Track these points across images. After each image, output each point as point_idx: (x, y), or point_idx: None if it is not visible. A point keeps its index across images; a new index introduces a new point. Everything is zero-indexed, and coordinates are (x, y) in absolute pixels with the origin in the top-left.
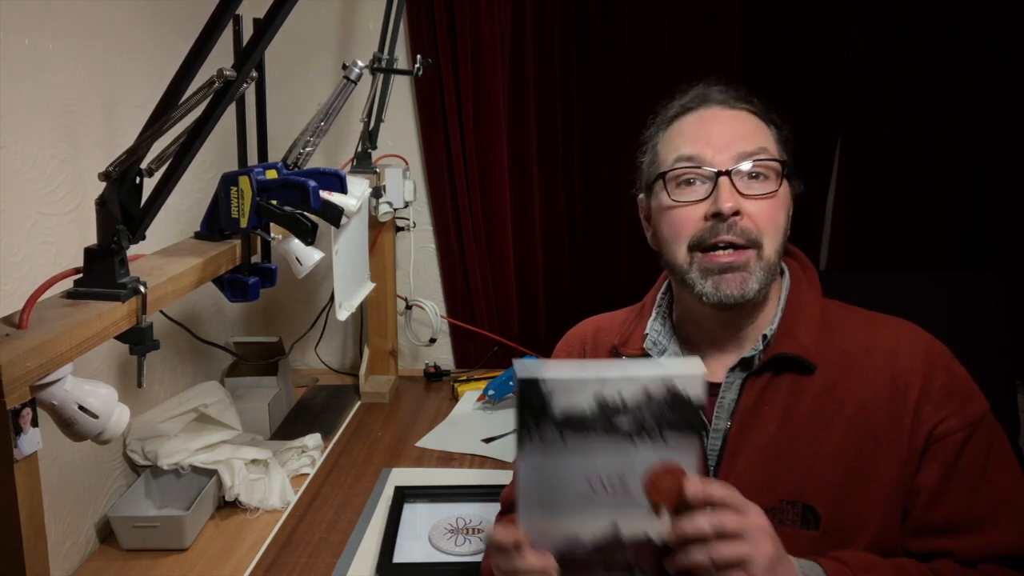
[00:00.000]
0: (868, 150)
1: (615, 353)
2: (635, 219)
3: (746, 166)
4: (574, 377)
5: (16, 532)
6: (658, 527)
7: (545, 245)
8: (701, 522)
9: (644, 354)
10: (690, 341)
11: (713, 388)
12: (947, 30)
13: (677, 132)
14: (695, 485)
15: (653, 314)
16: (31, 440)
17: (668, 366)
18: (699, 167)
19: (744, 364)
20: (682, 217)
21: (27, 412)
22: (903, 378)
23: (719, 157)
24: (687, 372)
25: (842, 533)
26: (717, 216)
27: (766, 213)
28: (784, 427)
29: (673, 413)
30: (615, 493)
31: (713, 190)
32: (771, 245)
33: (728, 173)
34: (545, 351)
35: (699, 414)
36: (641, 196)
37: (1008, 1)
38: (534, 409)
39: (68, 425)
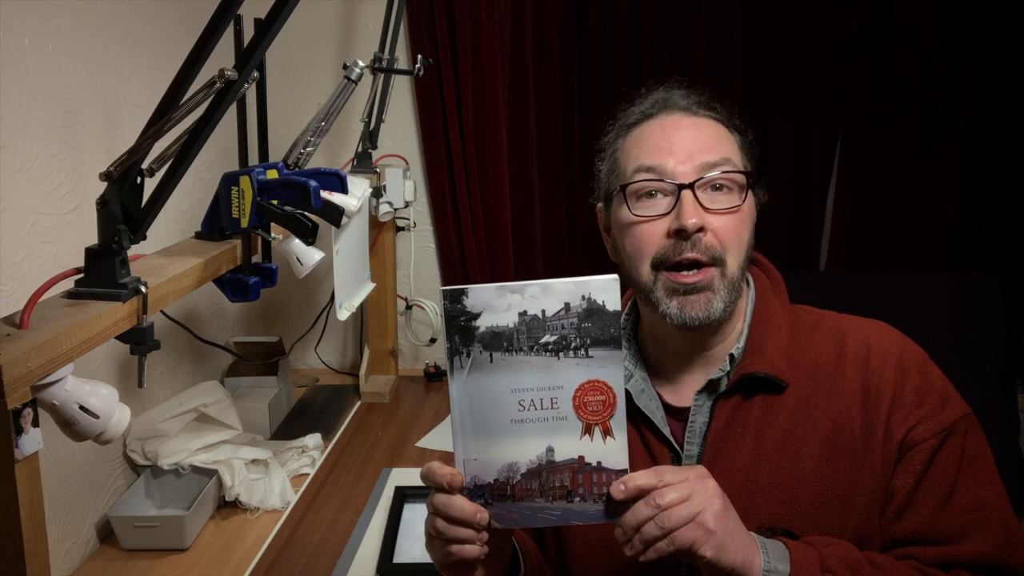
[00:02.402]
0: (868, 150)
1: None
2: None
3: (710, 176)
4: (495, 287)
5: (16, 532)
6: (592, 448)
7: (545, 245)
8: (642, 511)
9: None
10: (656, 363)
11: (682, 412)
12: (947, 30)
13: (636, 141)
14: (618, 488)
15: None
16: (32, 440)
17: (584, 278)
18: (660, 179)
19: (712, 386)
20: (644, 234)
21: (28, 412)
22: (875, 386)
23: (681, 168)
24: (602, 280)
25: None
26: (680, 233)
27: (730, 228)
28: (758, 450)
29: (593, 325)
30: (547, 414)
31: (676, 204)
32: (735, 262)
33: (691, 186)
34: None
35: (618, 324)
36: (600, 205)
37: (1008, 2)
38: (460, 327)
39: (69, 425)
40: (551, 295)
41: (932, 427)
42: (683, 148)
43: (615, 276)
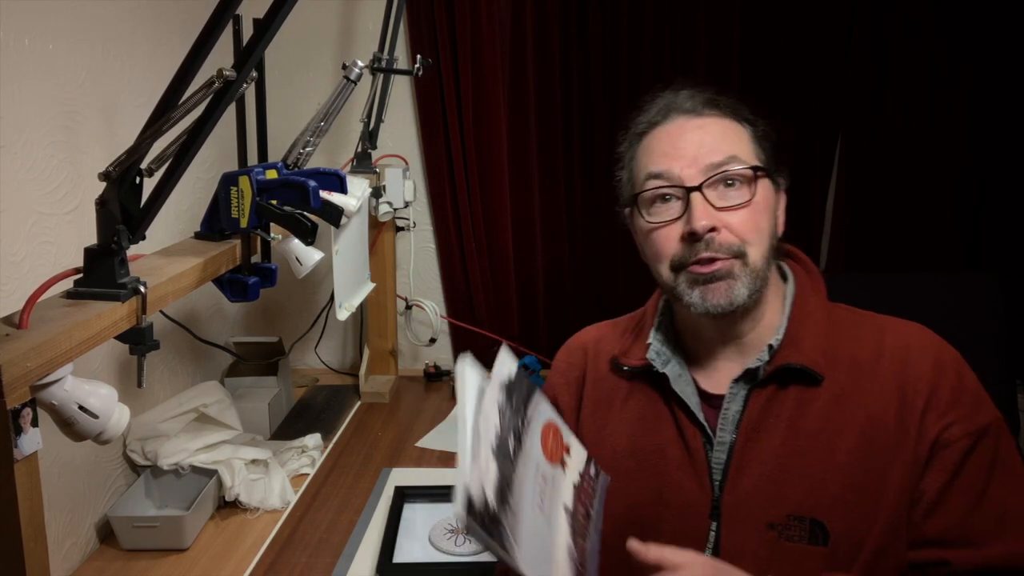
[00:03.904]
0: (868, 150)
1: (615, 364)
2: None
3: (716, 177)
4: (467, 472)
5: (16, 532)
6: (571, 472)
7: (545, 245)
8: None
9: (647, 365)
10: (693, 352)
11: (716, 399)
12: (947, 30)
13: (646, 149)
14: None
15: (655, 324)
16: (31, 440)
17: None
18: (670, 184)
19: (749, 375)
20: (660, 238)
21: (27, 412)
22: (911, 385)
23: (687, 171)
24: (499, 364)
25: (851, 548)
26: (692, 236)
27: (746, 222)
28: (791, 440)
29: (517, 398)
30: (548, 487)
31: (686, 208)
32: (757, 252)
33: (699, 188)
34: (545, 351)
35: (522, 375)
36: (627, 211)
37: (1008, 2)
38: (486, 525)
39: (68, 425)
40: (488, 421)
41: (966, 428)
42: (689, 152)
43: (502, 354)
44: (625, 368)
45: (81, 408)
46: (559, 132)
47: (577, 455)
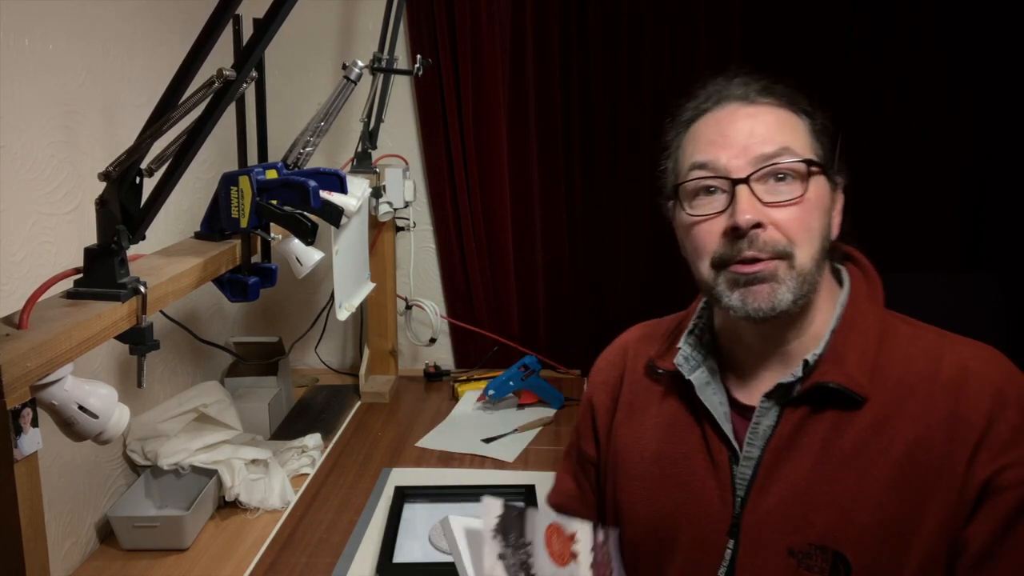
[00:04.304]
0: (868, 150)
1: (651, 367)
2: (635, 218)
3: (766, 169)
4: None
5: (16, 532)
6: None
7: (545, 245)
8: None
9: (676, 370)
10: (731, 358)
11: (750, 411)
12: (947, 30)
13: (692, 137)
14: None
15: (690, 327)
16: (31, 440)
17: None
18: (715, 176)
19: (781, 390)
20: (702, 233)
21: (27, 412)
22: (964, 415)
23: (735, 163)
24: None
25: None
26: (735, 231)
27: (795, 220)
28: (822, 463)
29: (510, 535)
30: None
31: (731, 201)
32: (805, 254)
33: (746, 181)
34: (545, 351)
35: (497, 507)
36: (669, 203)
37: (1007, 3)
38: None
39: (68, 425)
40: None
41: None
42: (738, 141)
43: (484, 501)
44: (659, 371)
45: (81, 408)
46: (559, 132)
47: (584, 536)
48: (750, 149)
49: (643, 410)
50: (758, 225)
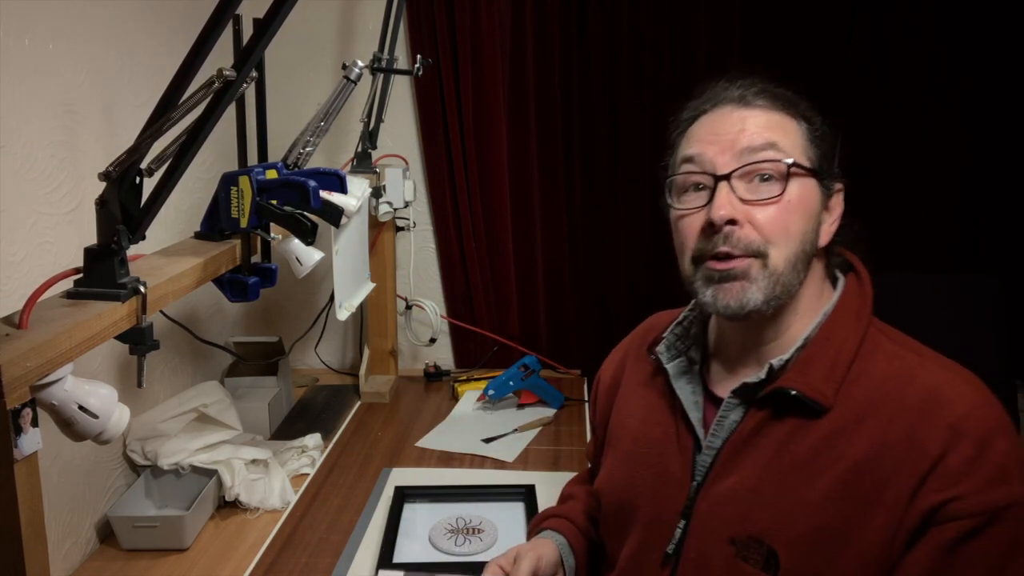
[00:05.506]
0: (868, 151)
1: (651, 352)
2: (635, 218)
3: (748, 165)
4: None
5: (16, 532)
6: None
7: (545, 245)
8: None
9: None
10: (717, 348)
11: (719, 402)
12: (947, 30)
13: (688, 136)
14: None
15: (679, 317)
16: (31, 440)
17: None
18: (700, 171)
19: (746, 389)
20: (685, 227)
21: (27, 412)
22: (920, 440)
23: (721, 159)
24: None
25: None
26: (711, 227)
27: (773, 220)
28: (774, 464)
29: None
30: None
31: (712, 197)
32: (780, 254)
33: (727, 177)
34: (545, 351)
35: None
36: (666, 200)
37: (1008, 2)
38: None
39: (68, 425)
40: None
41: (972, 506)
42: (726, 137)
43: None
44: (651, 356)
45: (81, 408)
46: (559, 132)
47: None
48: (736, 144)
49: (635, 391)
50: (733, 222)
